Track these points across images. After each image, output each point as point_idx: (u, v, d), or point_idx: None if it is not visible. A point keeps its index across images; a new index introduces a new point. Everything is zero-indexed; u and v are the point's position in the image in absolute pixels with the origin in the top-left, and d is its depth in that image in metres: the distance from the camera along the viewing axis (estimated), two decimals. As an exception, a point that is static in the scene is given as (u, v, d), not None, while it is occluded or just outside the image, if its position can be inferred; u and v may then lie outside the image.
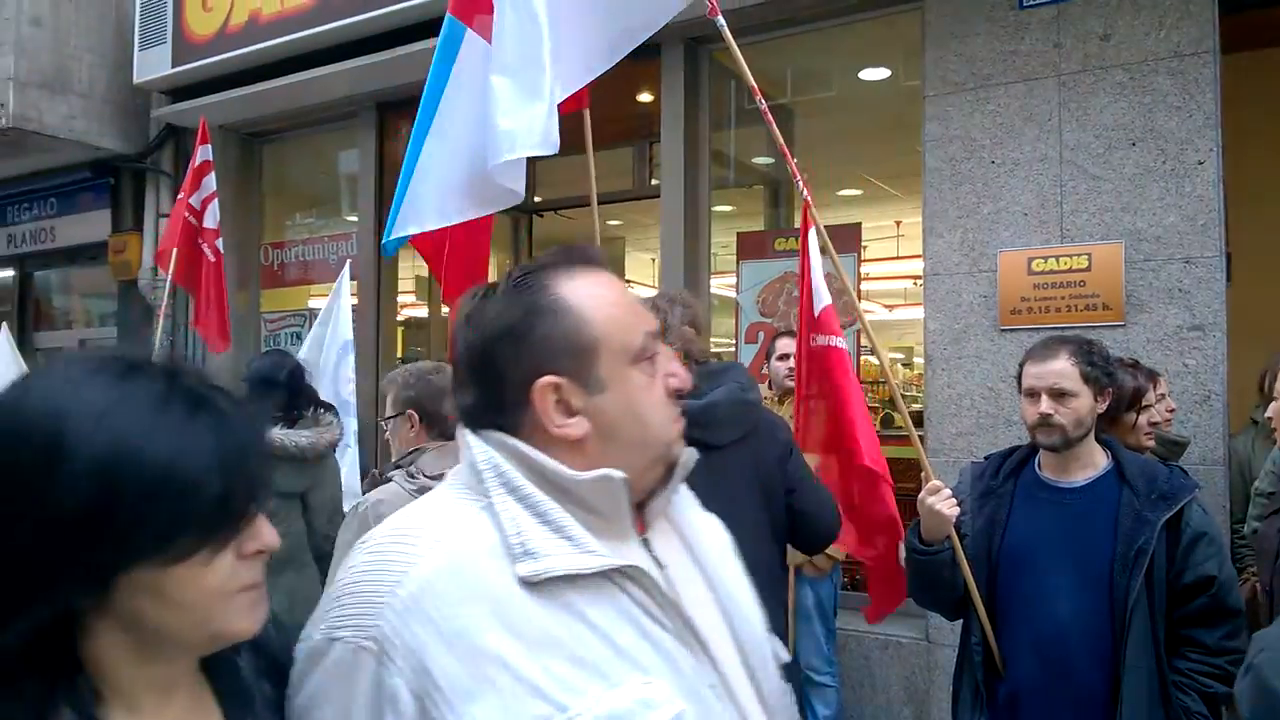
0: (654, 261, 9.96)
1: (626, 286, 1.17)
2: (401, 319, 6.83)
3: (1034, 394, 2.36)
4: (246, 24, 6.24)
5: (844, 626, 4.56)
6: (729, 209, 5.96)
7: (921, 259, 4.59)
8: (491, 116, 2.66)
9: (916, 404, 7.17)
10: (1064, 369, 2.33)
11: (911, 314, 6.48)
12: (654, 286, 10.30)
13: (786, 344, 4.23)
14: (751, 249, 5.28)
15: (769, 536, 2.64)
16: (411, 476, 2.41)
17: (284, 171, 7.46)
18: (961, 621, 2.55)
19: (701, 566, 1.20)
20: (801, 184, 2.73)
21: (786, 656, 1.34)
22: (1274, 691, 1.31)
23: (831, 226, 4.90)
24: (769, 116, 2.71)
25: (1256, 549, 2.82)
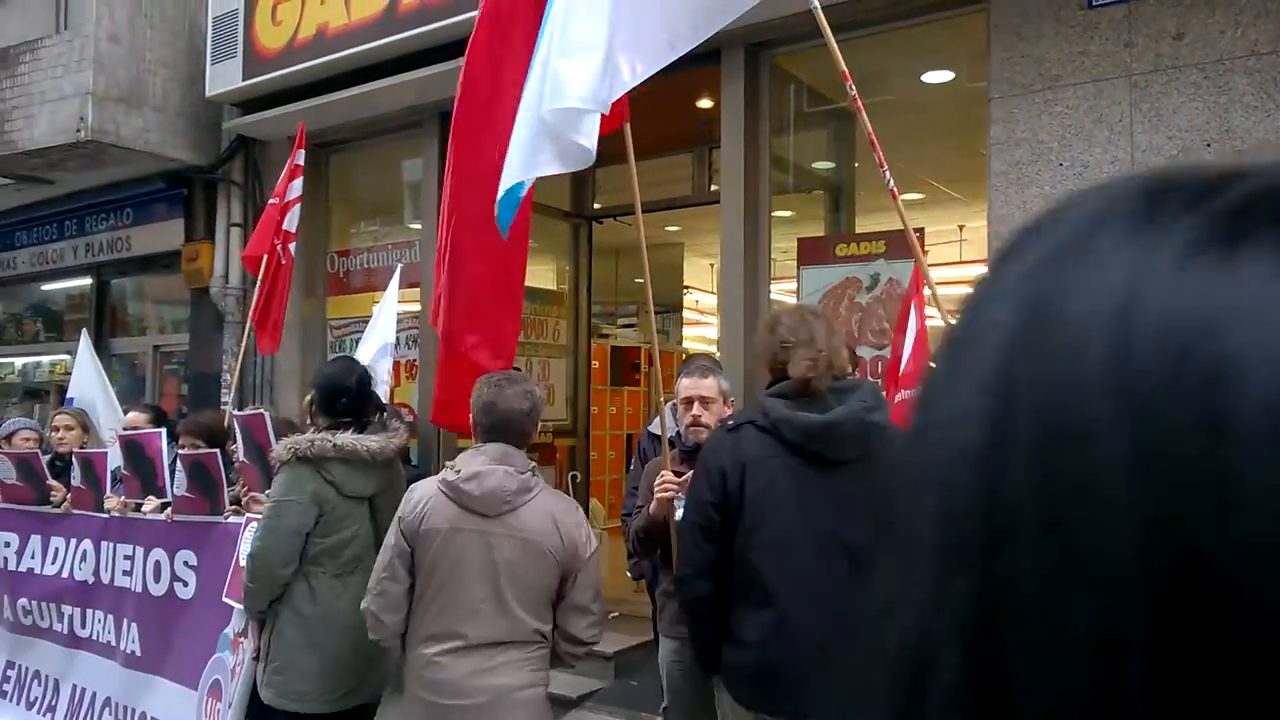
0: (713, 267, 9.96)
1: None
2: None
3: None
4: (314, 37, 6.39)
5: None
6: (789, 214, 5.92)
7: (986, 264, 4.51)
8: (550, 61, 2.69)
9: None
10: None
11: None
12: (712, 293, 10.30)
13: None
14: (812, 254, 5.24)
15: (867, 555, 2.60)
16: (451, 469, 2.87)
17: (349, 180, 7.61)
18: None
19: None
20: (889, 176, 2.69)
21: None
22: None
23: (891, 232, 4.90)
24: (859, 104, 2.68)
25: None
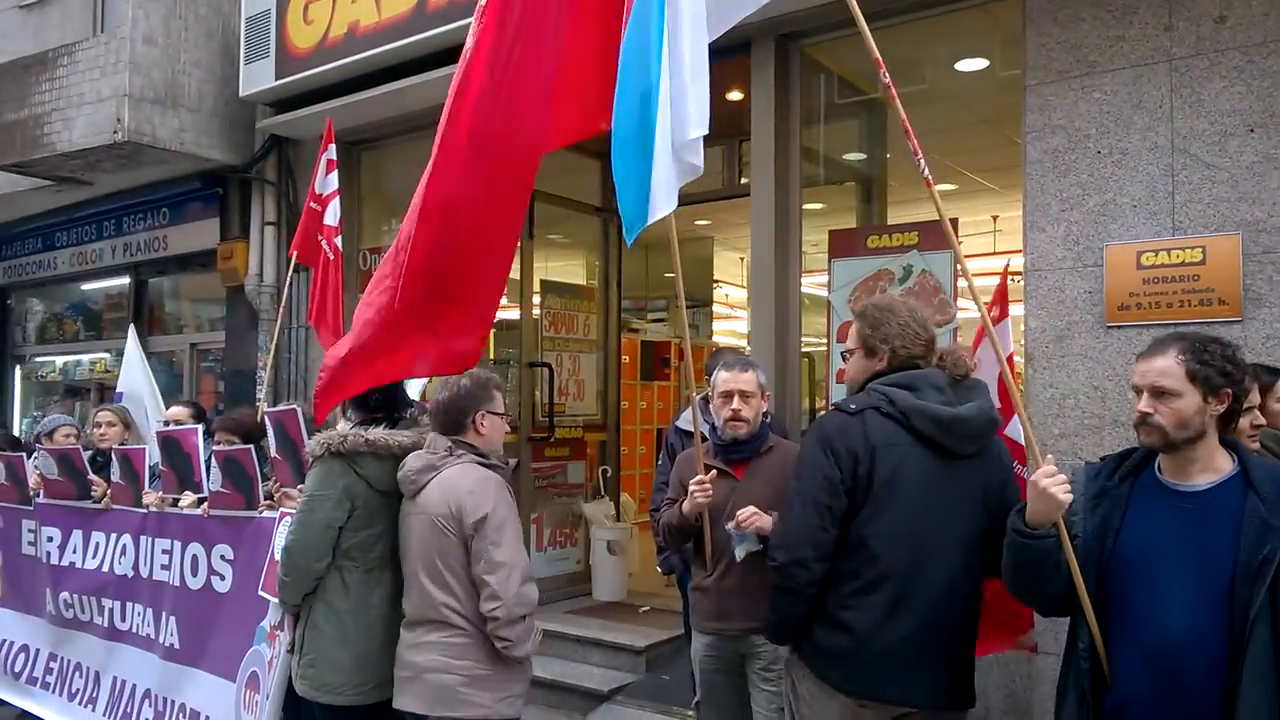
0: (743, 261, 9.93)
1: None
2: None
3: (1138, 391, 2.30)
4: (345, 35, 6.43)
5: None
6: (820, 206, 5.88)
7: (1022, 254, 4.45)
8: (687, 90, 2.72)
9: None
10: (1167, 367, 2.24)
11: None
12: (743, 286, 10.26)
13: None
14: (843, 247, 5.19)
15: (977, 550, 2.64)
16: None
17: (381, 177, 7.66)
18: (1067, 628, 2.45)
19: None
20: (924, 165, 2.65)
21: None
22: None
23: (924, 223, 4.85)
24: (894, 92, 2.65)
25: None
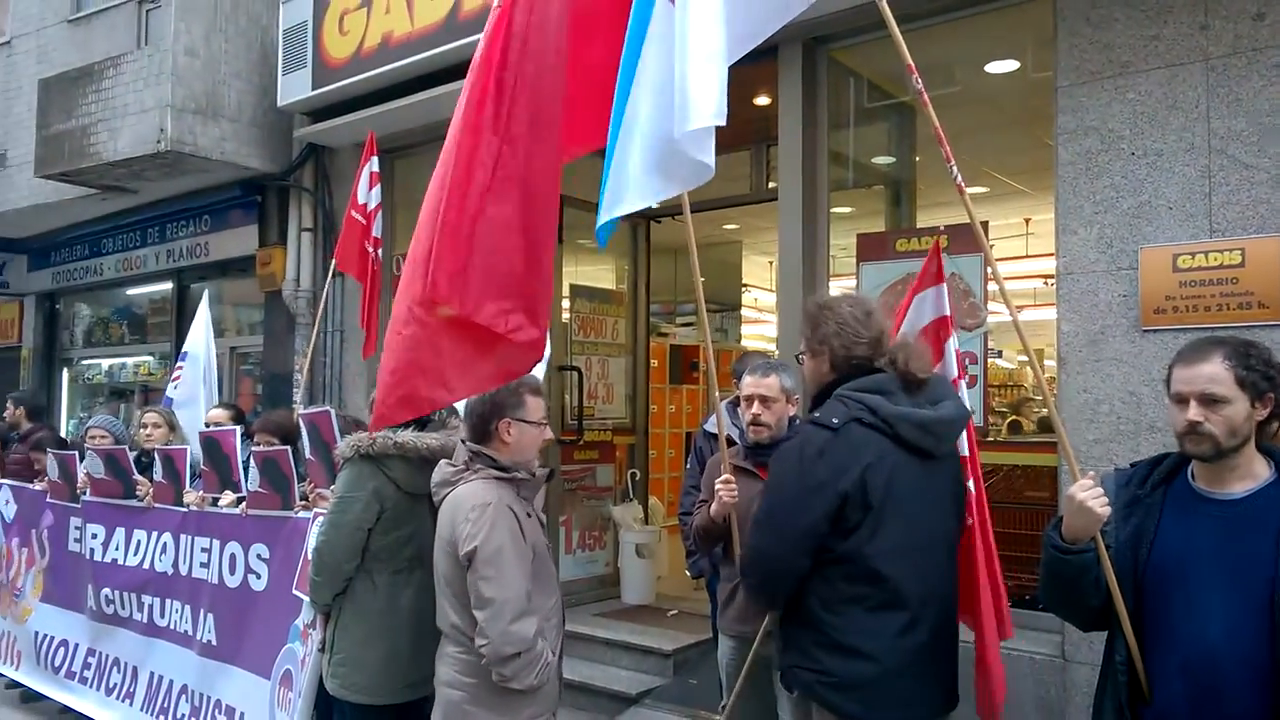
0: (771, 265, 9.90)
1: None
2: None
3: (1182, 400, 2.19)
4: (380, 45, 6.53)
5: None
6: (848, 210, 5.86)
7: (1054, 257, 4.41)
8: (677, 82, 2.55)
9: (1043, 410, 6.88)
10: (1216, 373, 2.15)
11: (1041, 315, 6.22)
12: (771, 290, 10.24)
13: None
14: (872, 250, 5.17)
15: (955, 547, 2.70)
16: None
17: (414, 185, 7.74)
18: (1105, 638, 2.40)
19: None
20: (955, 170, 2.62)
21: None
22: None
23: (955, 226, 4.81)
24: (925, 98, 2.61)
25: None
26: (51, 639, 5.28)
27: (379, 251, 5.55)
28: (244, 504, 4.25)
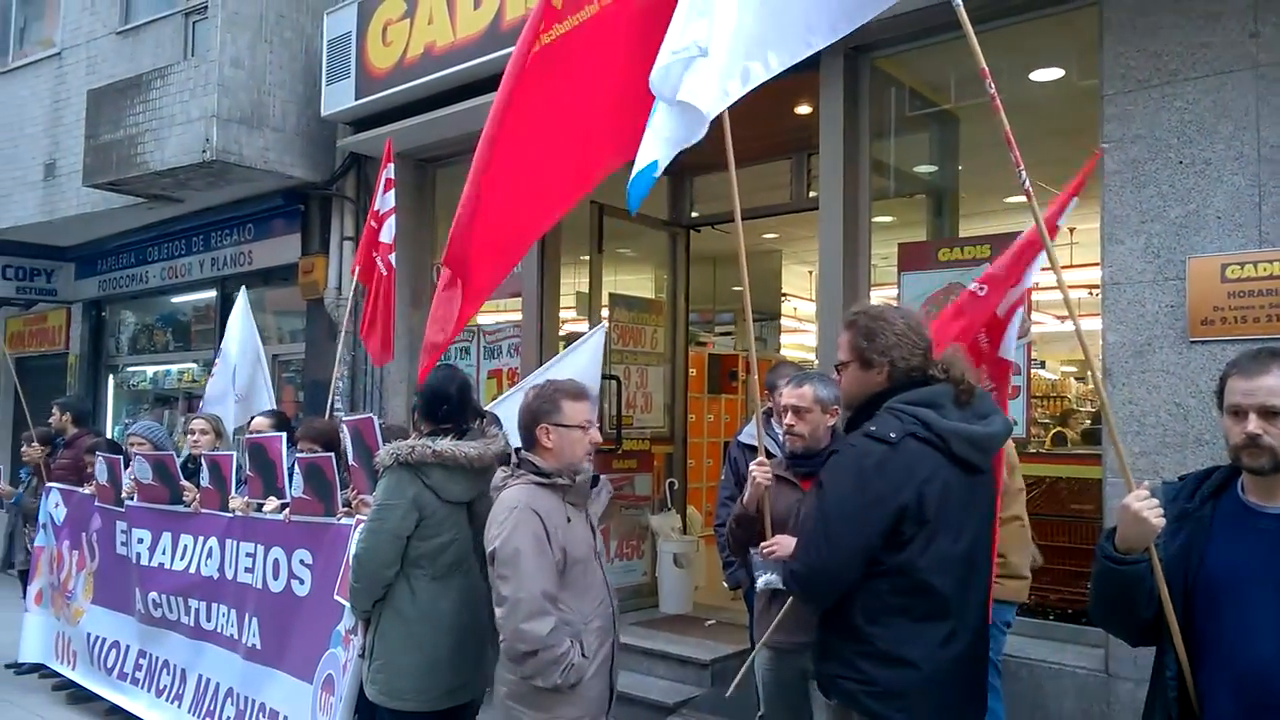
0: (811, 274, 9.86)
1: None
2: (563, 334, 7.03)
3: (1239, 412, 2.15)
4: (422, 55, 6.60)
5: (1016, 654, 4.35)
6: (889, 219, 5.83)
7: (1099, 267, 4.35)
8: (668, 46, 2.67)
9: (1090, 421, 6.78)
10: (1277, 385, 2.11)
11: (1086, 325, 6.14)
12: (811, 300, 10.19)
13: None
14: (913, 260, 5.14)
15: (990, 556, 2.72)
16: None
17: (455, 194, 7.77)
18: (1152, 653, 2.37)
19: None
20: (1024, 175, 2.61)
21: None
22: None
23: (996, 236, 4.77)
24: (997, 103, 2.59)
25: None
26: (104, 640, 5.38)
27: (391, 257, 5.59)
28: (288, 510, 4.31)
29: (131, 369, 11.22)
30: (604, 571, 3.07)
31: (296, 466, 4.24)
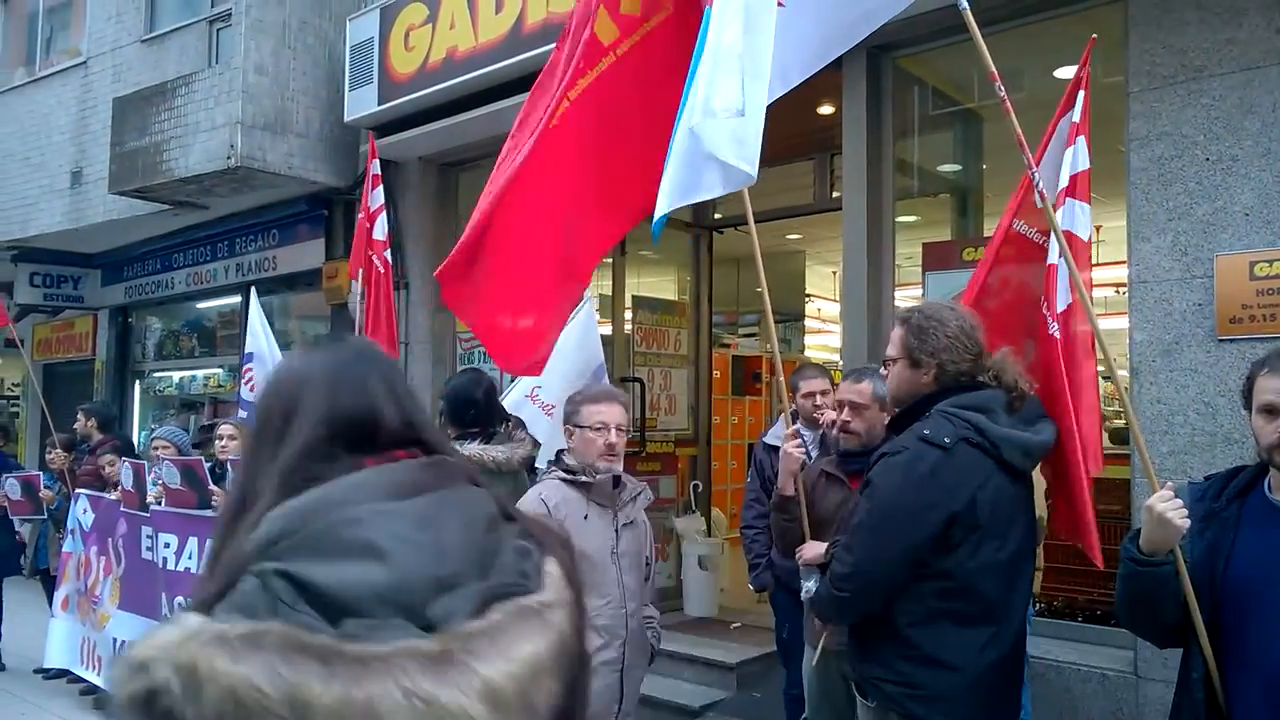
0: (835, 275, 9.84)
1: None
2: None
3: (1272, 410, 2.13)
4: (444, 60, 6.64)
5: (1044, 656, 4.33)
6: (913, 219, 5.81)
7: (1126, 265, 4.32)
8: (707, 100, 2.68)
9: (1118, 420, 6.71)
10: None
11: (1112, 324, 6.08)
12: (835, 300, 10.17)
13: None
14: (938, 260, 5.12)
15: (1031, 561, 2.70)
16: None
17: (477, 198, 7.84)
18: (1181, 654, 2.36)
19: None
20: (1038, 176, 2.61)
21: None
22: None
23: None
24: (1008, 105, 2.59)
25: None
26: (125, 644, 5.42)
27: (385, 255, 5.65)
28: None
29: (158, 375, 11.32)
30: (621, 574, 3.07)
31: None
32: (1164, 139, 4.18)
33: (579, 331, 4.54)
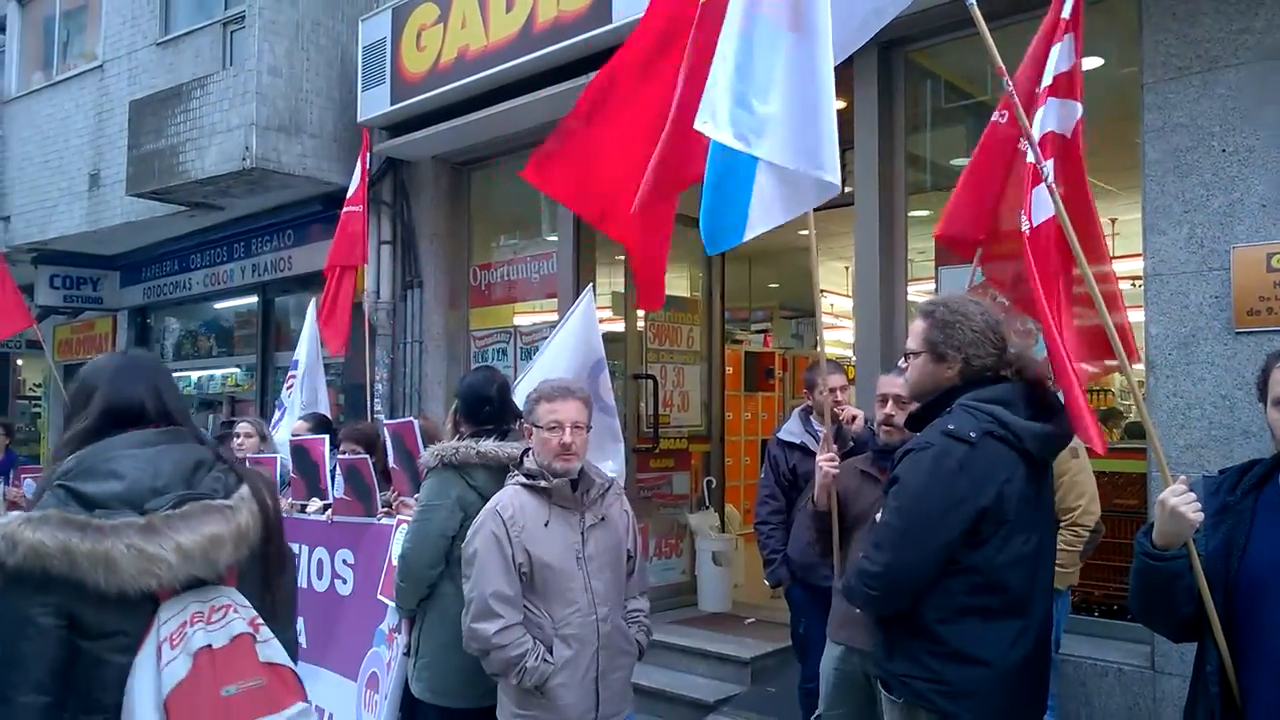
0: (847, 270, 9.80)
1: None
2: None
3: None
4: (455, 60, 6.66)
5: (1060, 651, 4.30)
6: (926, 213, 5.77)
7: (1141, 258, 4.29)
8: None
9: (1131, 415, 6.67)
10: None
11: (1130, 317, 6.03)
12: (848, 296, 10.13)
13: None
14: (951, 254, 5.08)
15: (1053, 553, 2.70)
16: None
17: (489, 196, 7.88)
18: (1196, 648, 2.35)
19: None
20: (1049, 174, 2.60)
21: None
22: None
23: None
24: (1015, 100, 2.60)
25: None
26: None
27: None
28: (330, 510, 4.37)
29: (176, 374, 11.35)
30: (589, 578, 2.96)
31: (338, 468, 4.30)
32: (1179, 130, 4.14)
33: (580, 324, 4.53)
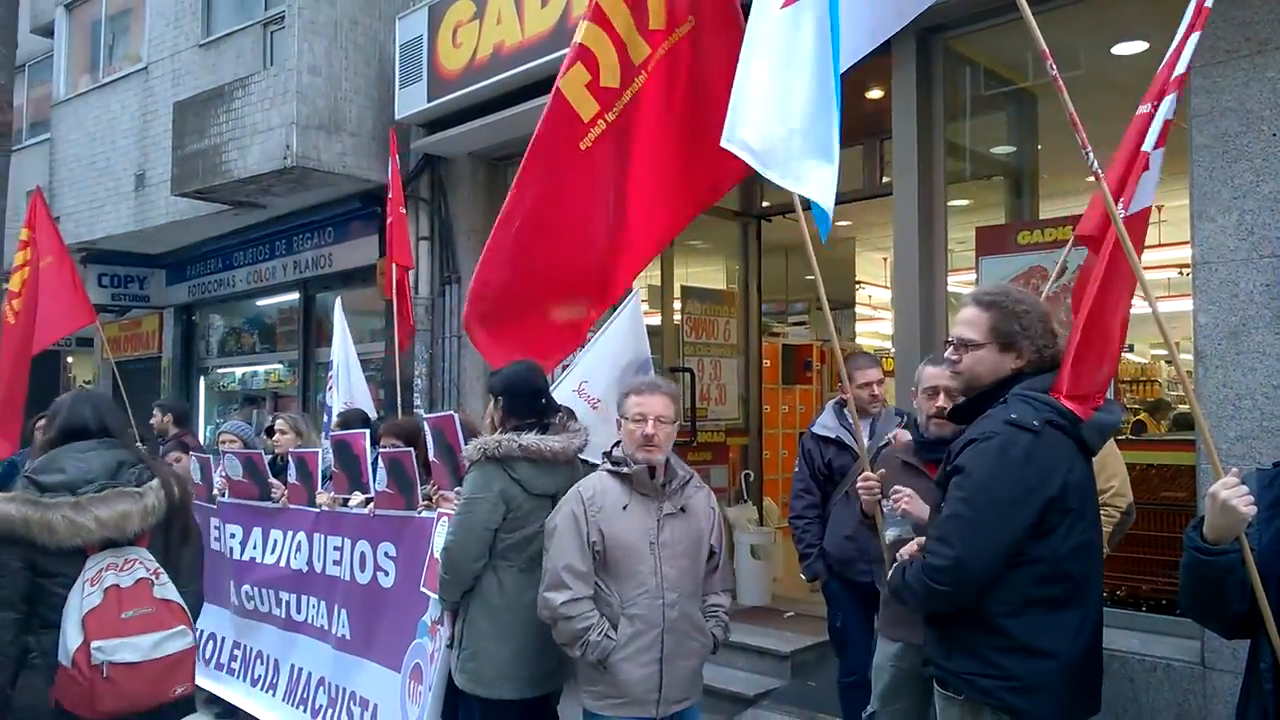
0: (886, 261, 9.72)
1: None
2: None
3: None
4: (491, 56, 6.69)
5: (1106, 645, 4.23)
6: (966, 203, 5.72)
7: (1189, 246, 4.20)
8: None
9: (1181, 406, 6.55)
10: None
11: (1175, 306, 5.92)
12: (886, 287, 10.05)
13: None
14: (992, 244, 5.03)
15: (1102, 538, 2.70)
16: None
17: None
18: (1249, 644, 2.30)
19: None
20: (1093, 158, 2.55)
21: None
22: None
23: (1079, 217, 4.63)
24: (1060, 83, 2.55)
25: None
26: (201, 632, 5.56)
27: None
28: (371, 504, 4.42)
29: (221, 371, 11.61)
30: (660, 564, 3.12)
31: (380, 462, 4.34)
32: (1228, 115, 4.05)
33: (626, 324, 4.54)
